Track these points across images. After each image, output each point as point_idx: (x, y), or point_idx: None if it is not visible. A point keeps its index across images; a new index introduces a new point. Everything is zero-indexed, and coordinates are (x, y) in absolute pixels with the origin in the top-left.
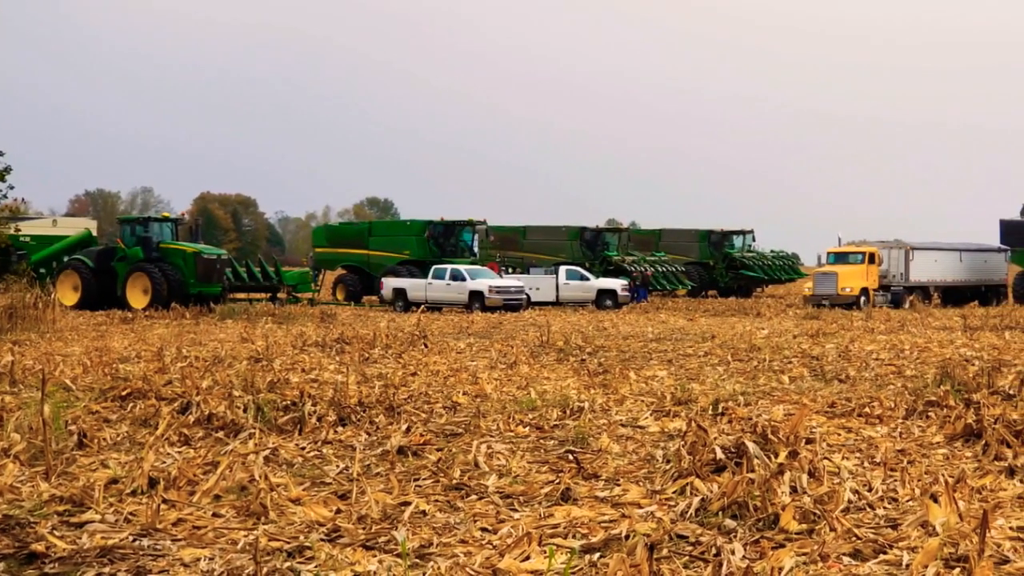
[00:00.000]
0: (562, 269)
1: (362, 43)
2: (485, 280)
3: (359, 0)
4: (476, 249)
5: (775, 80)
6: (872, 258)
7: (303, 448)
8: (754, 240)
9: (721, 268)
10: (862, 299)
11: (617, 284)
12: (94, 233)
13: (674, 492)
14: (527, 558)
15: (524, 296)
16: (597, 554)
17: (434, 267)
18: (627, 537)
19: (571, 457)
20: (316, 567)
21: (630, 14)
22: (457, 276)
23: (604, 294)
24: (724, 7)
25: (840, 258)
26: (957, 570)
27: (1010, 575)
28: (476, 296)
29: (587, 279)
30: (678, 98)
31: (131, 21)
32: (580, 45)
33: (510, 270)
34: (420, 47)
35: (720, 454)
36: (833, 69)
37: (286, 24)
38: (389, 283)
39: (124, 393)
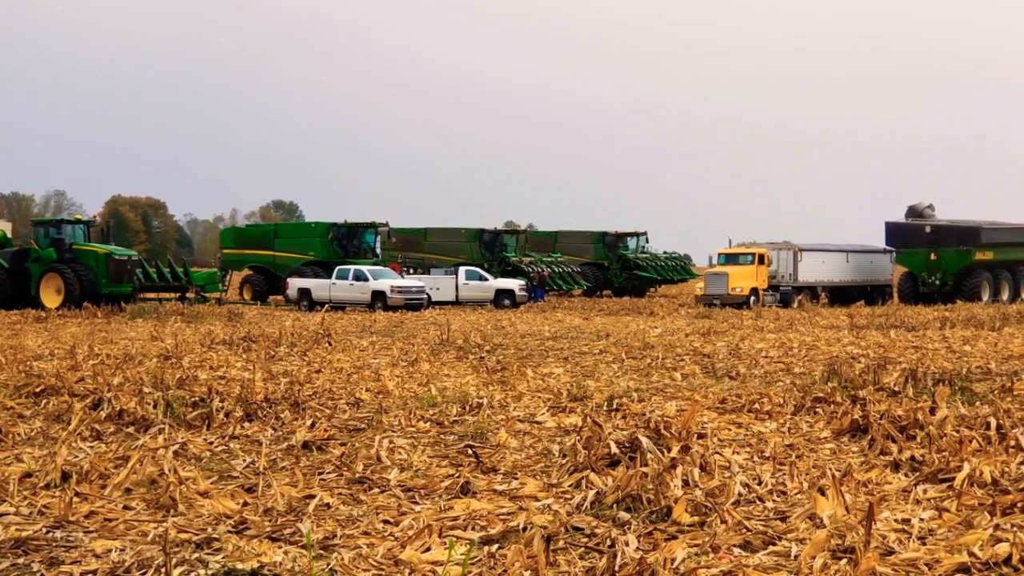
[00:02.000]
0: (462, 269)
1: (267, 50)
2: (387, 280)
3: (264, 9)
4: (378, 250)
5: (667, 86)
6: (762, 259)
7: (211, 443)
8: (647, 242)
9: (616, 269)
10: (752, 299)
11: (515, 284)
12: (9, 235)
13: (570, 485)
14: (428, 549)
15: (425, 296)
16: (496, 545)
17: (338, 268)
18: (524, 529)
19: (470, 452)
20: (224, 558)
21: (526, 22)
22: (360, 276)
23: (502, 294)
24: (619, 15)
25: (731, 259)
26: (844, 561)
27: (895, 566)
28: (378, 296)
29: (486, 279)
30: (574, 104)
31: (43, 28)
32: (478, 53)
33: (411, 271)
34: (323, 54)
35: (615, 449)
36: (724, 76)
37: (194, 32)
38: (294, 283)
39: (38, 390)
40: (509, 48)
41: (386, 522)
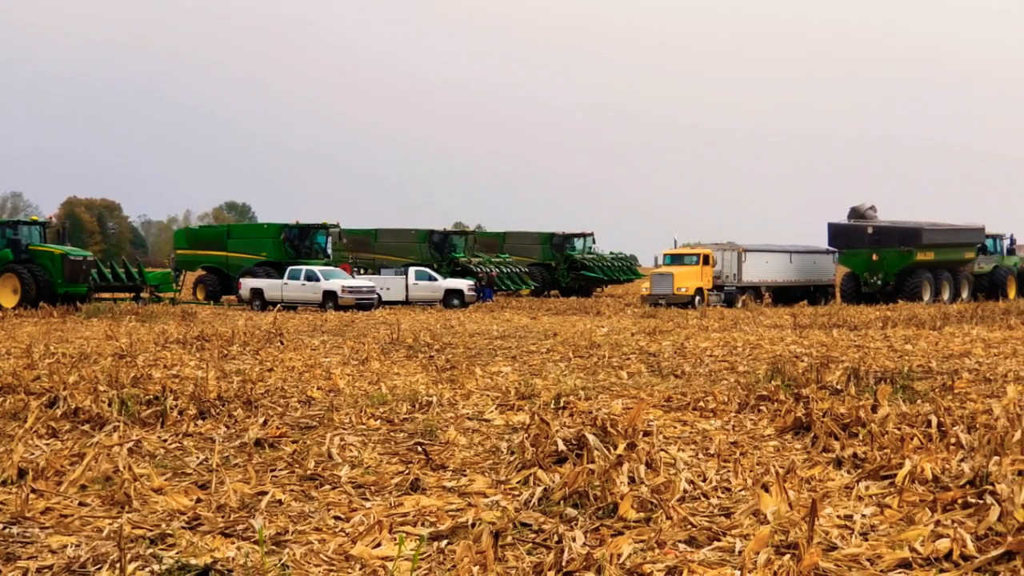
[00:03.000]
0: (411, 270)
1: (219, 54)
2: (338, 280)
3: (216, 12)
4: (329, 251)
5: (614, 89)
6: (706, 259)
7: (165, 440)
8: (594, 242)
9: (563, 269)
10: (697, 298)
11: (464, 284)
12: None
13: (518, 482)
14: (378, 545)
15: (375, 296)
16: (445, 541)
17: (290, 268)
18: (473, 525)
19: (420, 449)
20: (177, 553)
21: (474, 25)
22: (311, 277)
23: (451, 294)
24: (565, 20)
25: (676, 259)
26: (787, 556)
27: (838, 561)
28: (330, 296)
29: (435, 279)
30: (522, 107)
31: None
32: (429, 57)
33: (362, 271)
34: (274, 57)
35: (562, 446)
36: (670, 79)
37: (147, 36)
38: (247, 283)
39: None
40: (458, 52)
41: (337, 518)
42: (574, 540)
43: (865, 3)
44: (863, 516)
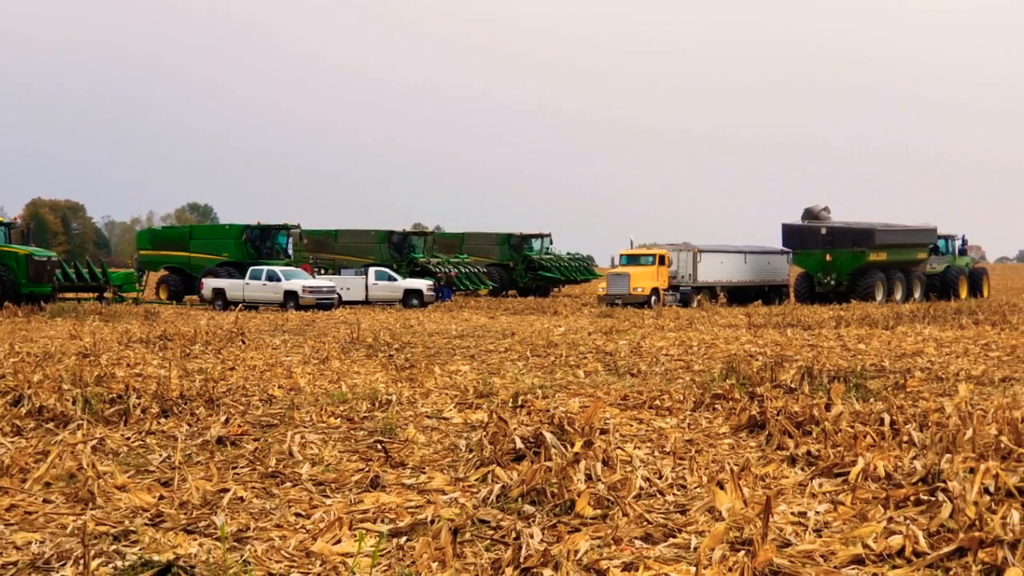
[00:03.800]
0: (371, 270)
1: (182, 57)
2: (299, 280)
3: (177, 15)
4: (291, 251)
5: (572, 91)
6: (662, 260)
7: (128, 438)
8: (551, 243)
9: (520, 269)
10: (653, 298)
11: (423, 284)
12: None
13: (476, 480)
14: (338, 541)
15: (336, 296)
16: (404, 538)
17: (251, 268)
18: (432, 522)
19: (380, 447)
20: (140, 550)
21: (437, 30)
22: (273, 277)
23: (411, 294)
24: (524, 23)
25: (632, 260)
26: (742, 553)
27: (792, 557)
28: (291, 295)
29: (395, 280)
30: (481, 109)
31: None
32: (389, 59)
33: (323, 271)
34: (237, 60)
35: (520, 444)
36: (626, 82)
37: (111, 39)
38: (209, 283)
39: None
40: (418, 54)
41: (298, 515)
42: (532, 537)
43: (819, 7)
44: (817, 513)
